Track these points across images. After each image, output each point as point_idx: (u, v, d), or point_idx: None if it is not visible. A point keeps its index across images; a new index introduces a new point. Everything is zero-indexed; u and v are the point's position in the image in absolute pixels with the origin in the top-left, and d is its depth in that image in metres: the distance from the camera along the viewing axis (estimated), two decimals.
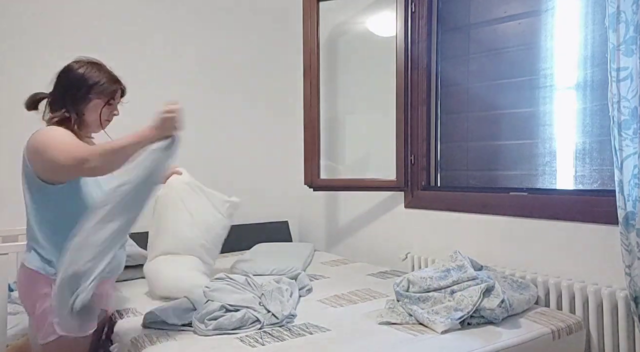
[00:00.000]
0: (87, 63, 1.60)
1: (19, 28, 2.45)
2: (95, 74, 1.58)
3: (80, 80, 1.56)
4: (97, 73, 1.58)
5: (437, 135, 2.56)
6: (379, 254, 2.78)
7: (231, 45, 3.12)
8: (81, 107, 1.56)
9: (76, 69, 1.57)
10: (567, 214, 1.91)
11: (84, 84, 1.56)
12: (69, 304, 1.34)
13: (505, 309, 1.62)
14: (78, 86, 1.55)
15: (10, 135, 2.44)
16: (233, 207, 2.26)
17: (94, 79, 1.57)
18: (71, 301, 1.33)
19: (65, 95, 1.55)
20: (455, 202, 2.34)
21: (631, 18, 1.51)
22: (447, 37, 2.51)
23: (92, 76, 1.57)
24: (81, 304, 1.33)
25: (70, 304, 1.34)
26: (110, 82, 1.60)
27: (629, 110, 1.52)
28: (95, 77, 1.57)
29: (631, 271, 1.55)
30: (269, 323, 1.60)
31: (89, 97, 1.56)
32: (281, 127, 3.35)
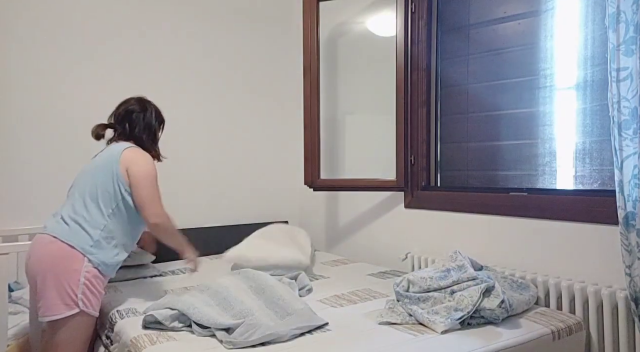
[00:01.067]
0: (145, 101, 2.00)
1: (21, 27, 2.45)
2: (159, 111, 2.04)
3: (158, 116, 2.02)
4: (156, 110, 2.02)
5: (437, 135, 2.56)
6: (379, 254, 2.78)
7: (231, 45, 3.12)
8: (157, 137, 2.03)
9: (152, 105, 2.01)
10: (567, 214, 1.91)
11: (159, 118, 2.02)
12: None
13: (505, 310, 1.62)
14: (157, 121, 2.01)
15: (10, 135, 2.44)
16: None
17: (161, 115, 2.04)
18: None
19: (147, 128, 1.96)
20: (455, 202, 2.35)
21: (631, 18, 1.51)
22: (447, 37, 2.51)
23: (160, 112, 2.04)
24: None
25: None
26: (162, 116, 2.05)
27: (629, 110, 1.52)
28: (160, 113, 2.04)
29: (631, 271, 1.55)
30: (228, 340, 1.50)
31: (160, 130, 2.04)
32: (281, 127, 3.36)
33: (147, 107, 1.98)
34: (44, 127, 2.51)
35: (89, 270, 1.69)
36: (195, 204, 2.99)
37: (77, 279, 1.66)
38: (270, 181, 3.32)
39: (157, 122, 2.01)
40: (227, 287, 1.76)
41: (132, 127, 1.94)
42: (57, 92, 2.55)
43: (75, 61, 2.60)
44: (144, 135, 1.95)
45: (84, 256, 1.70)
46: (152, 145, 1.99)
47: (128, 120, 1.94)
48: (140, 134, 1.94)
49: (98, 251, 1.73)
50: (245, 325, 1.50)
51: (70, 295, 1.64)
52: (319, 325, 1.59)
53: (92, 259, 1.71)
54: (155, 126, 2.00)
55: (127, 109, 1.95)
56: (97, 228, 1.74)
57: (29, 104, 2.48)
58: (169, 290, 2.12)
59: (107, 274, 1.78)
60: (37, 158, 2.49)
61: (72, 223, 1.73)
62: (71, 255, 1.68)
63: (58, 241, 1.69)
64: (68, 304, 1.64)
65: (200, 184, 3.01)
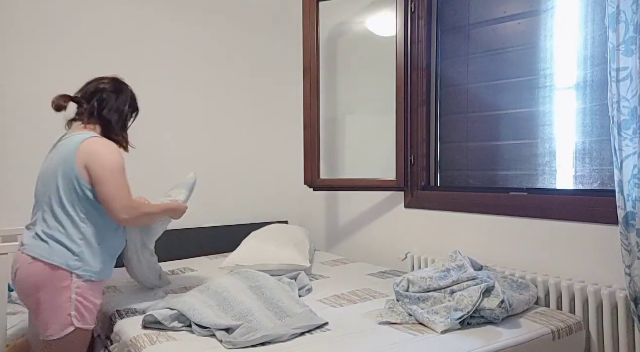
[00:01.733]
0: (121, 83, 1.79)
1: (25, 29, 2.45)
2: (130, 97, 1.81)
3: (132, 100, 1.80)
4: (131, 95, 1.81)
5: (437, 135, 2.56)
6: (379, 254, 2.78)
7: (231, 45, 3.12)
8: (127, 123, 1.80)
9: (128, 88, 1.79)
10: (567, 214, 1.91)
11: (133, 103, 1.81)
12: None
13: (506, 310, 1.62)
14: (131, 105, 1.79)
15: (10, 135, 2.44)
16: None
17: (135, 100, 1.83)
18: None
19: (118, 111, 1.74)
20: (455, 202, 2.35)
21: (631, 18, 1.51)
22: (447, 37, 2.51)
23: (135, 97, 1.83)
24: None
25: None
26: (137, 103, 1.84)
27: (629, 110, 1.52)
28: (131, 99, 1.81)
29: (631, 271, 1.55)
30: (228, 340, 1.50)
31: (133, 114, 1.83)
32: (281, 127, 3.35)
33: (122, 90, 1.77)
34: (44, 127, 2.50)
35: (79, 285, 1.57)
36: (195, 204, 2.99)
37: (68, 298, 1.55)
38: (270, 180, 3.32)
39: (131, 109, 1.80)
40: (227, 288, 1.76)
41: (101, 107, 1.71)
42: (56, 91, 2.55)
43: (74, 60, 2.59)
44: (113, 119, 1.73)
45: (71, 273, 1.57)
46: (121, 131, 1.77)
47: (98, 99, 1.71)
48: (109, 117, 1.72)
49: (84, 264, 1.59)
50: (246, 327, 1.50)
51: (63, 315, 1.54)
52: (319, 325, 1.59)
53: (80, 274, 1.58)
54: (127, 113, 1.78)
55: (97, 87, 1.73)
56: (75, 240, 1.59)
57: (29, 104, 2.48)
58: (169, 290, 2.12)
59: (102, 279, 1.67)
60: (37, 158, 2.49)
61: (50, 240, 1.58)
62: (57, 275, 1.56)
63: (39, 262, 1.56)
64: (63, 323, 1.54)
65: (200, 184, 3.01)
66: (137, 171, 2.72)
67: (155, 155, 2.82)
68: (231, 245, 3.03)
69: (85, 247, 1.60)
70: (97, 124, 1.72)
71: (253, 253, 2.37)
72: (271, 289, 1.79)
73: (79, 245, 1.60)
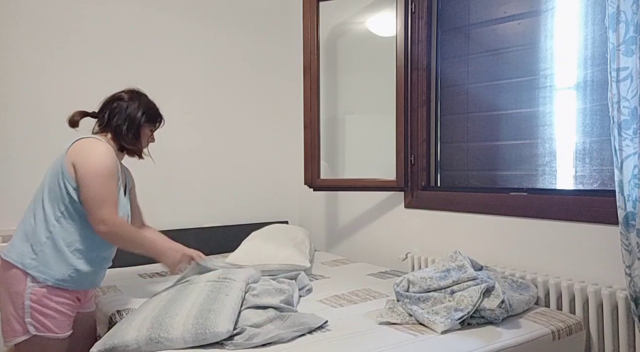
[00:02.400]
0: (136, 93, 1.76)
1: (27, 29, 2.45)
2: (152, 105, 1.78)
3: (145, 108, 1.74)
4: (151, 103, 1.78)
5: (437, 135, 2.56)
6: (379, 254, 2.78)
7: (231, 45, 3.12)
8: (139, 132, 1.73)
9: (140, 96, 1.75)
10: (567, 214, 1.91)
11: (146, 112, 1.74)
12: None
13: (506, 310, 1.62)
14: (140, 114, 1.72)
15: (9, 135, 2.44)
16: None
17: (152, 109, 1.77)
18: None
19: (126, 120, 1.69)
20: (455, 202, 2.35)
21: (631, 18, 1.51)
22: (447, 37, 2.51)
23: (151, 107, 1.77)
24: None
25: None
26: (157, 111, 1.80)
27: (629, 110, 1.52)
28: (151, 107, 1.77)
29: (631, 271, 1.55)
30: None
31: (144, 124, 1.74)
32: (281, 127, 3.36)
33: (133, 98, 1.73)
34: (45, 127, 2.51)
35: (34, 291, 1.46)
36: (195, 204, 2.99)
37: (21, 303, 1.45)
38: (270, 181, 3.32)
39: (145, 116, 1.73)
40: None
41: (112, 115, 1.68)
42: (57, 93, 2.55)
43: (74, 61, 2.59)
44: (124, 127, 1.67)
45: (26, 274, 1.46)
46: (134, 140, 1.71)
47: (109, 108, 1.69)
48: (119, 124, 1.67)
49: (43, 265, 1.48)
50: (247, 334, 1.50)
51: (17, 320, 1.45)
52: (319, 325, 1.59)
53: (36, 276, 1.46)
54: (141, 120, 1.71)
55: (111, 97, 1.72)
56: (40, 236, 1.50)
57: (30, 104, 2.48)
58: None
59: (68, 288, 1.53)
60: (38, 158, 2.49)
61: (16, 234, 1.52)
62: (11, 275, 1.46)
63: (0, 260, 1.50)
64: (17, 329, 1.46)
65: (200, 184, 3.01)
66: (137, 171, 2.72)
67: (155, 155, 2.82)
68: (231, 245, 3.03)
69: (49, 247, 1.50)
70: (108, 132, 1.70)
71: (253, 253, 2.37)
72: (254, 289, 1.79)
73: (42, 244, 1.50)
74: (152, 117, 1.77)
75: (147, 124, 1.75)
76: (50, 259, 1.50)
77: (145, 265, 2.69)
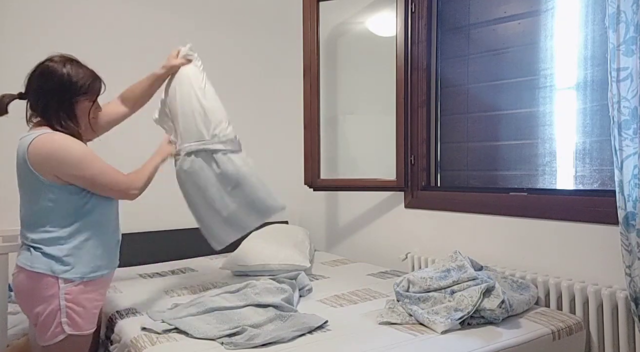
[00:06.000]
0: (66, 61, 1.50)
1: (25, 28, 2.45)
2: (79, 74, 1.50)
3: (68, 82, 1.47)
4: (80, 71, 1.51)
5: (437, 136, 2.56)
6: (379, 254, 2.78)
7: (231, 45, 3.12)
8: (73, 110, 1.51)
9: (59, 70, 1.47)
10: (567, 214, 1.91)
11: (73, 86, 1.48)
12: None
13: (506, 310, 1.62)
14: (67, 89, 1.48)
15: (9, 135, 2.43)
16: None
17: (80, 80, 1.49)
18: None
19: (54, 99, 1.47)
20: (455, 202, 2.35)
21: (631, 18, 1.51)
22: (447, 37, 2.51)
23: (77, 76, 1.49)
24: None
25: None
26: (94, 79, 1.55)
27: (629, 110, 1.52)
28: (80, 77, 1.50)
29: (631, 271, 1.55)
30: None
31: (78, 99, 1.51)
32: (281, 127, 3.35)
33: (45, 72, 1.47)
34: None
35: (68, 291, 1.48)
36: None
37: (56, 305, 1.47)
38: (270, 181, 3.29)
39: (75, 89, 1.48)
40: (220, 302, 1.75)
41: (37, 91, 1.49)
42: None
43: None
44: (52, 105, 1.47)
45: (57, 278, 1.47)
46: (69, 120, 1.49)
47: (32, 82, 1.48)
48: (46, 107, 1.48)
49: (71, 266, 1.49)
50: (247, 334, 1.50)
51: (54, 321, 1.47)
52: (319, 325, 1.59)
53: (68, 277, 1.48)
54: (70, 95, 1.48)
55: (33, 71, 1.48)
56: (57, 244, 1.49)
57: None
58: (168, 290, 2.12)
59: (97, 277, 1.55)
60: None
61: (32, 249, 1.50)
62: (41, 282, 1.47)
63: (24, 271, 1.48)
64: (54, 331, 1.47)
65: None
66: None
67: None
68: (231, 245, 3.02)
69: (69, 250, 1.50)
70: (45, 118, 1.50)
71: (253, 253, 2.37)
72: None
73: (63, 248, 1.49)
74: (86, 89, 1.51)
75: (83, 97, 1.51)
76: (75, 262, 1.51)
77: (146, 265, 2.70)
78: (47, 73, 1.47)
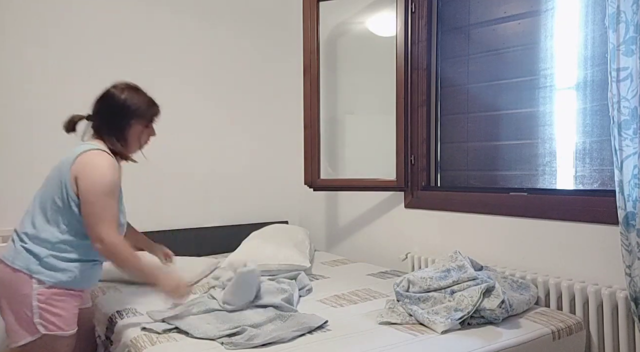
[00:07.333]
0: (126, 88, 1.65)
1: (24, 29, 2.45)
2: (135, 100, 1.64)
3: (123, 106, 1.62)
4: (137, 98, 1.65)
5: (437, 135, 2.56)
6: (379, 254, 2.78)
7: (231, 44, 3.12)
8: (124, 132, 1.63)
9: (117, 95, 1.62)
10: (567, 214, 1.91)
11: (126, 110, 1.62)
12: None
13: (506, 310, 1.62)
14: (121, 113, 1.62)
15: (9, 135, 2.44)
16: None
17: (134, 105, 1.63)
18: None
19: (108, 121, 1.62)
20: (455, 202, 2.35)
21: (631, 18, 1.51)
22: (447, 37, 2.51)
23: (133, 102, 1.63)
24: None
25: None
26: (149, 105, 1.68)
27: (629, 110, 1.52)
28: (136, 102, 1.64)
29: (631, 271, 1.55)
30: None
31: (131, 122, 1.63)
32: (281, 127, 3.35)
33: (106, 96, 1.63)
34: (43, 127, 2.51)
35: (41, 292, 1.49)
36: (195, 204, 2.99)
37: (29, 304, 1.48)
38: (270, 181, 3.32)
39: (129, 113, 1.62)
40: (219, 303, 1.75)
41: (96, 112, 1.63)
42: (56, 92, 2.55)
43: (73, 61, 2.59)
44: (103, 129, 1.61)
45: (31, 278, 1.49)
46: (120, 141, 1.63)
47: (95, 104, 1.64)
48: (99, 127, 1.62)
49: (49, 270, 1.51)
50: (247, 333, 1.50)
51: (27, 321, 1.48)
52: (319, 325, 1.59)
53: (43, 279, 1.50)
54: (123, 118, 1.62)
55: (101, 96, 1.64)
56: (45, 244, 1.53)
57: (28, 105, 2.48)
58: None
59: (75, 288, 1.57)
60: (36, 158, 2.49)
61: (17, 242, 1.54)
62: (16, 279, 1.49)
63: (2, 264, 1.52)
64: (28, 330, 1.49)
65: (200, 183, 3.01)
66: (138, 171, 2.72)
67: (155, 155, 2.82)
68: (231, 245, 3.03)
69: (53, 256, 1.53)
70: (99, 136, 1.64)
71: (253, 253, 2.37)
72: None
73: (48, 251, 1.52)
74: (136, 115, 1.64)
75: (136, 121, 1.64)
76: (55, 267, 1.53)
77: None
78: (108, 97, 1.63)
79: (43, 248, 1.53)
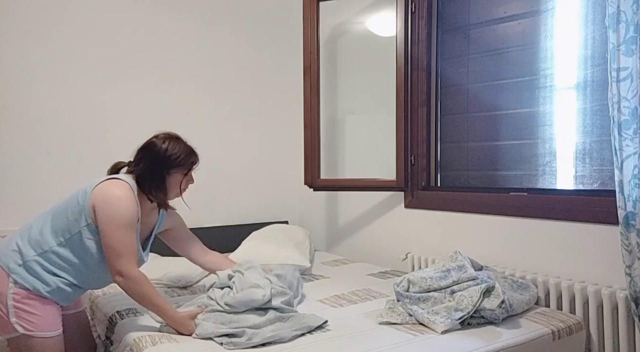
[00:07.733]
0: (166, 137, 1.70)
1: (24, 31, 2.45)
2: (175, 149, 1.68)
3: (164, 156, 1.66)
4: (177, 147, 1.69)
5: (437, 135, 2.56)
6: (379, 254, 2.78)
7: (231, 45, 3.12)
8: (165, 181, 1.67)
9: (159, 145, 1.66)
10: (567, 214, 1.91)
11: (167, 159, 1.66)
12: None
13: (506, 310, 1.62)
14: (161, 162, 1.65)
15: (9, 135, 2.44)
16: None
17: (175, 154, 1.67)
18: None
19: (150, 170, 1.65)
20: (455, 202, 2.35)
21: (631, 18, 1.51)
22: (447, 37, 2.51)
23: (174, 151, 1.67)
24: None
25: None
26: (188, 154, 1.72)
27: (629, 110, 1.52)
28: (176, 151, 1.68)
29: (631, 271, 1.55)
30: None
31: (170, 171, 1.67)
32: (281, 127, 3.35)
33: (149, 145, 1.67)
34: (42, 128, 2.51)
35: (17, 291, 1.50)
36: (195, 204, 2.99)
37: (5, 303, 1.49)
38: (270, 181, 3.32)
39: (169, 163, 1.66)
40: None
41: (137, 161, 1.67)
42: (56, 92, 2.55)
43: (76, 64, 2.59)
44: (142, 178, 1.65)
45: (8, 276, 1.50)
46: (157, 190, 1.66)
47: (137, 154, 1.69)
48: (140, 172, 1.65)
49: (27, 274, 1.51)
50: (247, 332, 1.50)
51: (4, 319, 1.49)
52: (319, 325, 1.59)
53: (17, 280, 1.50)
54: (163, 167, 1.65)
55: (144, 144, 1.69)
56: (37, 248, 1.54)
57: (28, 105, 2.48)
58: (169, 290, 2.12)
59: (48, 298, 1.55)
60: (36, 158, 2.49)
61: (12, 236, 1.56)
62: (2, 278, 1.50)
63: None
64: (5, 327, 1.50)
65: (200, 184, 3.01)
66: None
67: None
68: (231, 245, 3.03)
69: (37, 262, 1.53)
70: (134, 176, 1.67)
71: (253, 253, 2.37)
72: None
73: (33, 255, 1.53)
74: (181, 164, 1.68)
75: (175, 170, 1.68)
76: (35, 273, 1.53)
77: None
78: (149, 147, 1.67)
79: (32, 250, 1.53)
